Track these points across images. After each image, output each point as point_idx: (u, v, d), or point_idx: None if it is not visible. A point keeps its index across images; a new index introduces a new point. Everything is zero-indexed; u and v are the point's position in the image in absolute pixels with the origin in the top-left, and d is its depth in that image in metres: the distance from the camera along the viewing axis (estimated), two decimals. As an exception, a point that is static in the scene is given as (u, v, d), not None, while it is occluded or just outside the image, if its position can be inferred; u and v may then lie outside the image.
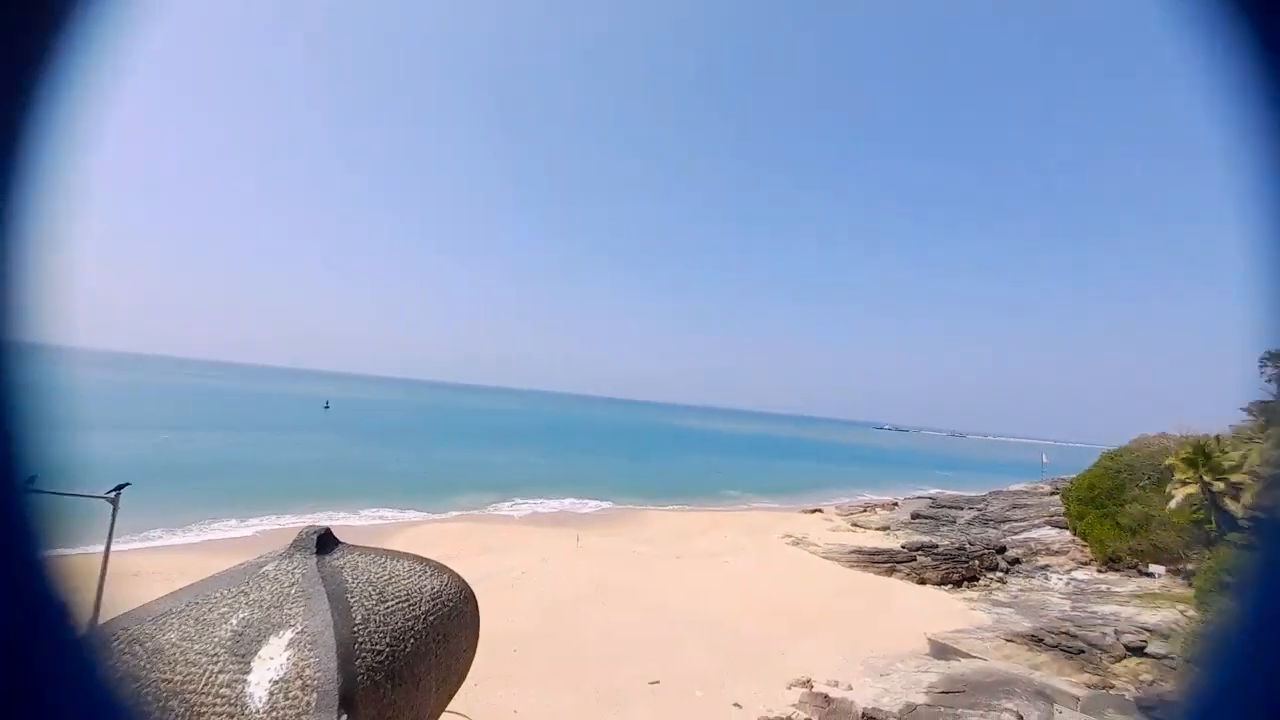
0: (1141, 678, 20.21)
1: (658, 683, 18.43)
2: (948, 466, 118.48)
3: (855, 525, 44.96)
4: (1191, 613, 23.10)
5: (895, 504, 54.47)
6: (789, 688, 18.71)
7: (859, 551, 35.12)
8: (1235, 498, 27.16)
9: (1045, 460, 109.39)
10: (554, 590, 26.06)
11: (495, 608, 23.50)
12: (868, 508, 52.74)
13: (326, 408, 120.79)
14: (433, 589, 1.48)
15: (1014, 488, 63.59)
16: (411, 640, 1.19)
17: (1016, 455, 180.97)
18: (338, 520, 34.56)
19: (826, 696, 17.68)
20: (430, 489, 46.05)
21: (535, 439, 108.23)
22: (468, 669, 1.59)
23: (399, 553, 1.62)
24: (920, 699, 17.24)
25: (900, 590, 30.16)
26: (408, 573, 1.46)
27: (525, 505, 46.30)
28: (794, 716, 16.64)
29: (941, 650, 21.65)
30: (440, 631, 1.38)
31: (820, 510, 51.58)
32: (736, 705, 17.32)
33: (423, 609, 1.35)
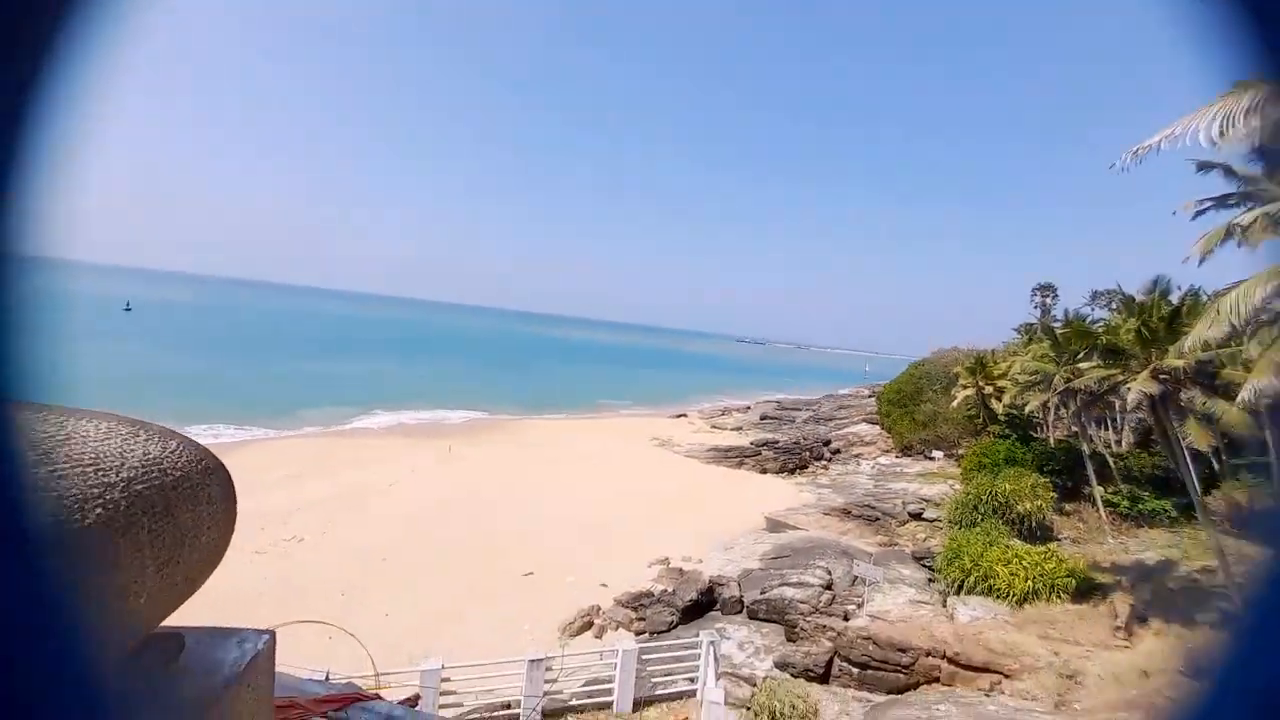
0: (917, 536, 25.92)
1: (531, 574, 19.71)
2: (793, 374, 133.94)
3: (714, 427, 49.83)
4: (956, 485, 29.67)
5: (748, 407, 60.99)
6: (649, 565, 21.14)
7: (715, 449, 39.27)
8: (999, 399, 34.56)
9: (867, 369, 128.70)
10: (425, 498, 25.88)
11: (361, 521, 22.83)
12: (725, 411, 58.45)
13: (128, 309, 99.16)
14: (143, 455, 1.31)
15: (842, 392, 74.21)
16: (98, 509, 1.06)
17: (848, 365, 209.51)
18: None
19: (680, 570, 20.32)
20: (278, 403, 41.50)
21: (399, 349, 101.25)
22: (218, 553, 1.48)
23: (96, 411, 1.39)
24: (755, 565, 20.54)
25: (746, 480, 34.64)
26: (101, 435, 1.27)
27: (390, 418, 44.10)
28: (652, 589, 18.98)
29: (775, 525, 25.67)
30: (153, 504, 1.25)
31: (685, 415, 56.08)
32: (603, 585, 19.25)
33: (122, 476, 1.20)
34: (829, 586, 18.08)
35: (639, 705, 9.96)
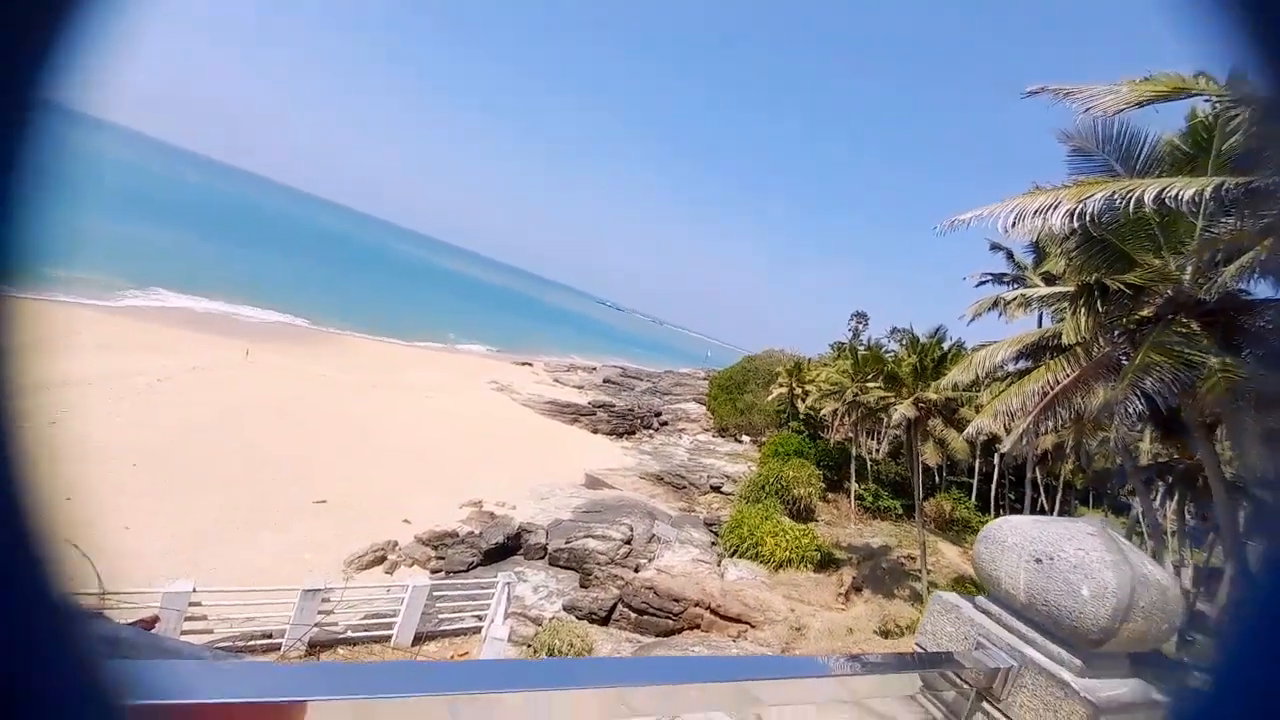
0: (713, 506, 29.14)
1: (324, 502, 18.19)
2: (643, 346, 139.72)
3: (557, 381, 50.08)
4: (754, 467, 33.82)
5: (595, 368, 62.32)
6: (461, 507, 20.85)
7: (553, 403, 39.61)
8: (804, 400, 39.86)
9: (709, 354, 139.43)
10: (207, 403, 22.21)
11: (114, 414, 18.93)
12: (571, 368, 59.03)
13: None
14: None
15: (683, 370, 79.25)
16: None
17: (694, 348, 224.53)
18: None
19: (492, 514, 20.39)
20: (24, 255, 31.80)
21: (221, 226, 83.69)
22: None
23: None
24: (566, 516, 21.43)
25: (576, 437, 35.64)
26: None
27: (176, 300, 36.68)
28: (458, 529, 18.80)
29: (594, 482, 26.93)
30: None
31: (530, 364, 55.47)
32: (406, 521, 18.54)
33: None
34: (629, 541, 19.59)
35: (419, 640, 9.91)
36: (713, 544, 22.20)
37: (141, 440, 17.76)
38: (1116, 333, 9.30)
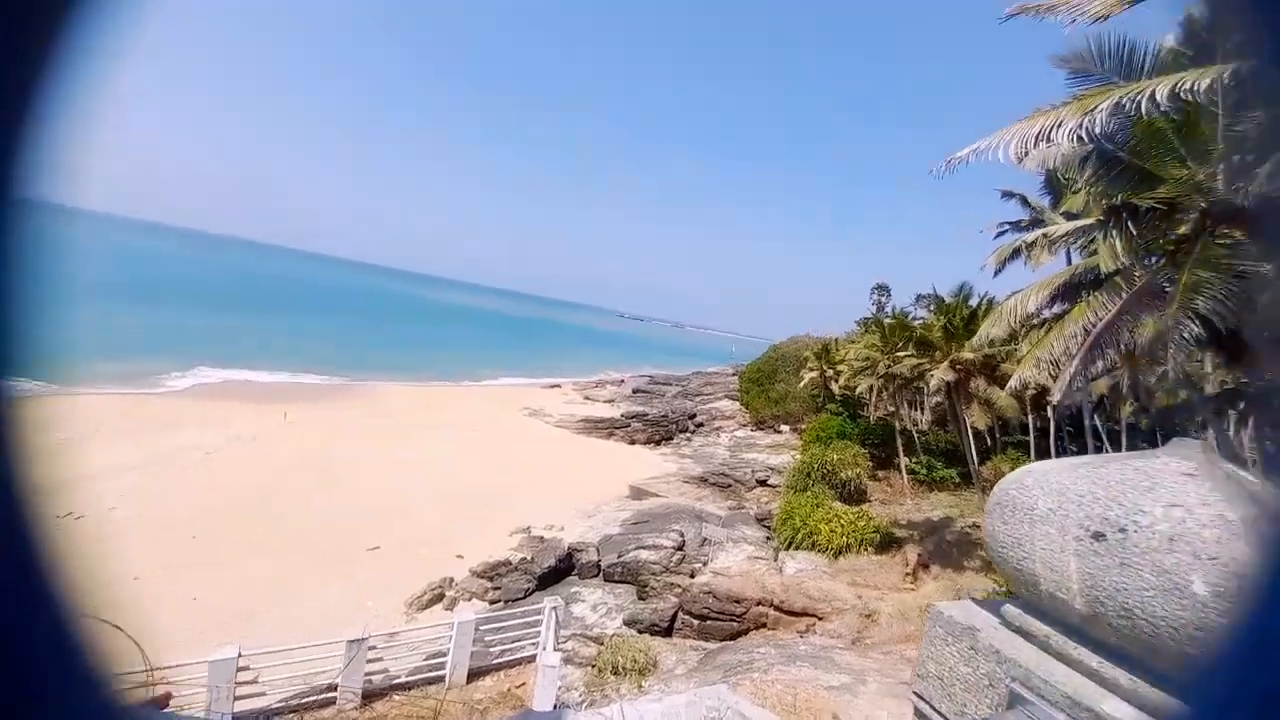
0: (761, 500, 28.64)
1: (377, 548, 18.51)
2: (667, 351, 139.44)
3: (587, 398, 50.28)
4: (798, 455, 33.14)
5: (623, 380, 62.42)
6: (511, 535, 20.96)
7: (587, 420, 39.72)
8: (836, 381, 39.00)
9: (734, 349, 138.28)
10: (253, 470, 22.97)
11: (168, 492, 19.71)
12: (600, 383, 59.26)
13: None
14: None
15: (710, 370, 78.69)
16: None
17: (717, 345, 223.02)
18: None
19: (541, 538, 20.42)
20: (56, 351, 33.77)
21: (247, 300, 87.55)
22: None
23: None
24: (615, 530, 21.31)
25: (615, 450, 35.60)
26: None
27: (216, 375, 38.25)
28: (510, 557, 18.87)
29: (638, 493, 26.79)
30: None
31: (559, 385, 55.89)
32: (459, 556, 18.71)
33: None
34: (680, 548, 19.35)
35: (474, 675, 9.85)
36: (767, 539, 21.74)
37: (198, 512, 18.43)
38: (1155, 257, 8.77)
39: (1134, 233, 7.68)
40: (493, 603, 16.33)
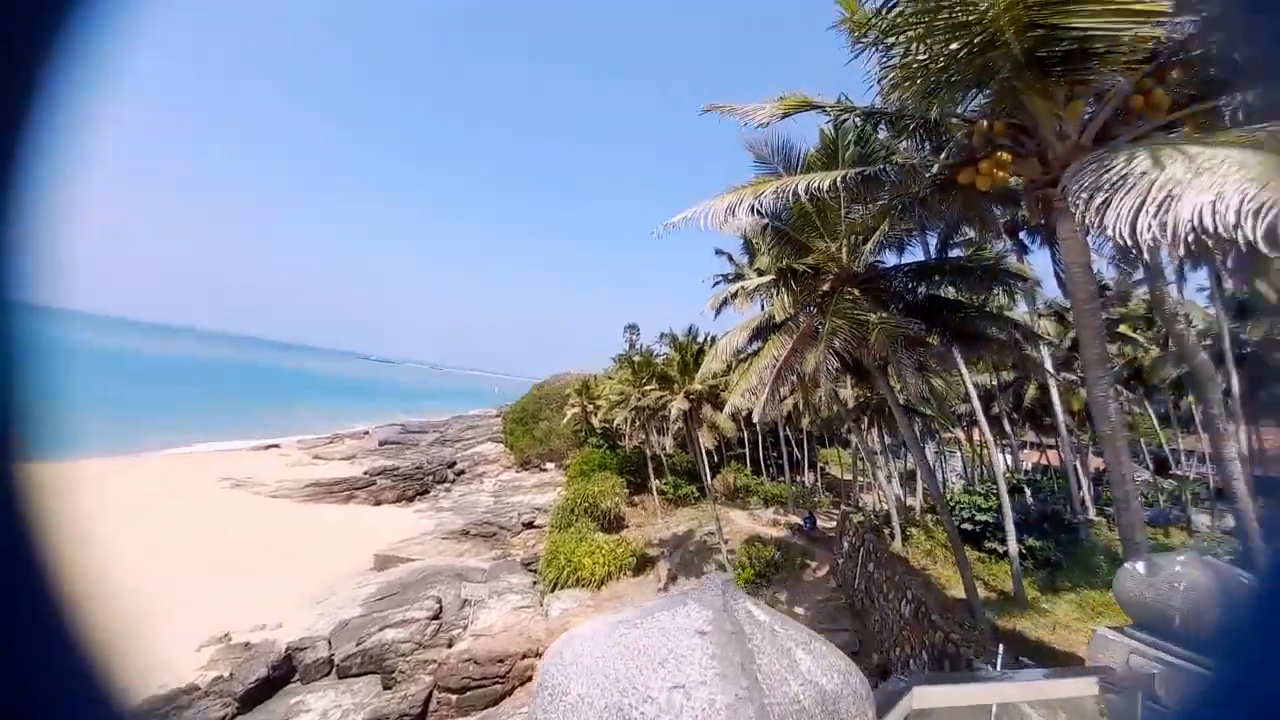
0: (529, 544, 27.88)
1: None
2: (425, 396, 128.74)
3: (318, 458, 42.56)
4: (563, 491, 33.49)
5: (366, 433, 54.84)
6: (199, 650, 15.93)
7: (317, 484, 33.44)
8: (596, 414, 41.08)
9: (497, 389, 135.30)
10: None
11: None
12: (335, 438, 50.88)
13: None
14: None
15: (472, 412, 75.17)
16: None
17: (481, 386, 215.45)
18: None
19: (247, 643, 16.01)
20: None
21: None
22: None
23: None
24: (355, 613, 18.03)
25: (355, 515, 30.65)
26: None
27: None
28: (198, 680, 14.26)
29: (385, 562, 23.35)
30: None
31: (278, 445, 46.05)
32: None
33: None
34: (437, 616, 17.34)
35: None
36: (534, 584, 21.12)
37: None
38: (812, 308, 11.47)
39: (795, 289, 9.88)
40: (164, 754, 11.97)
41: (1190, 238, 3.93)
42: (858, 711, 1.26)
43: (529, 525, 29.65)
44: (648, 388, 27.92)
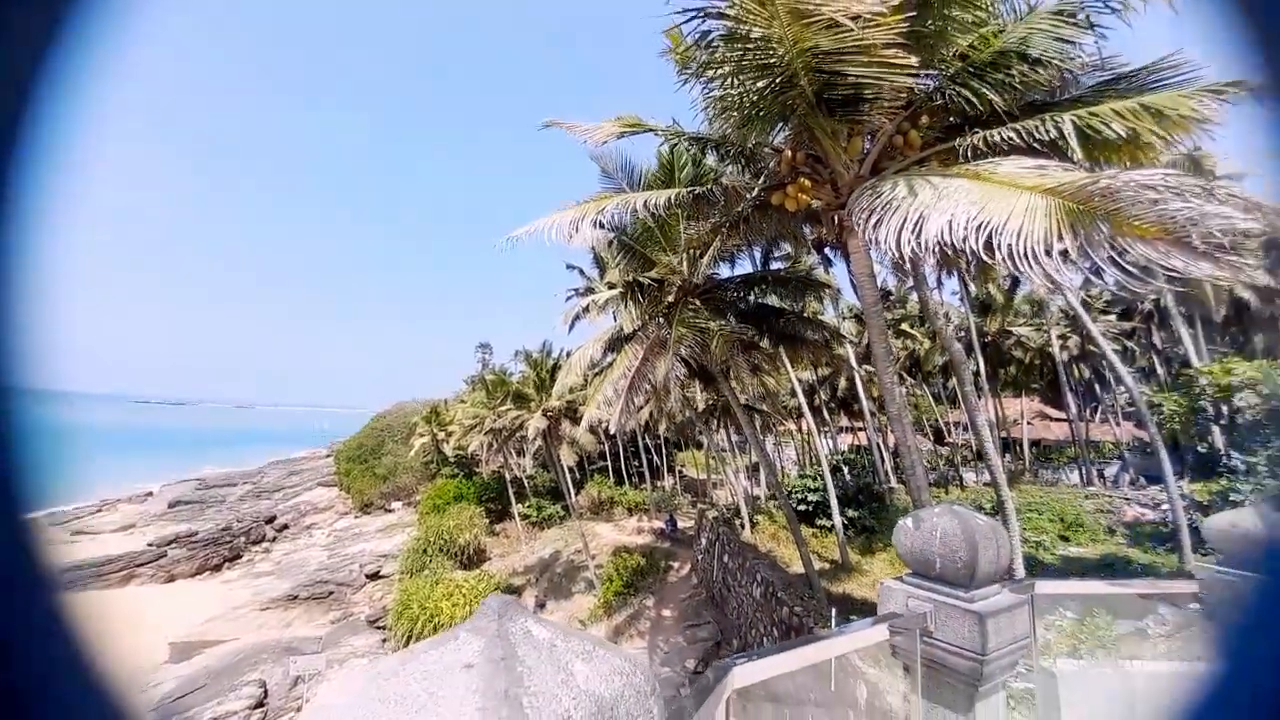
0: (374, 597, 24.90)
1: None
2: (231, 441, 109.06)
3: (79, 534, 33.57)
4: (414, 531, 30.61)
5: (149, 494, 44.69)
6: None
7: (77, 568, 26.28)
8: (449, 441, 38.36)
9: (326, 426, 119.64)
10: None
11: None
12: (103, 507, 40.61)
13: None
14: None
15: (295, 455, 65.57)
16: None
17: (304, 424, 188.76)
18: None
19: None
20: None
21: None
22: None
23: None
24: (142, 723, 14.42)
25: (140, 599, 24.72)
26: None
27: None
28: None
29: (184, 650, 19.10)
30: None
31: (14, 525, 35.28)
32: None
33: None
34: (261, 704, 14.63)
35: None
36: (384, 642, 18.89)
37: None
38: (660, 318, 12.05)
39: (642, 302, 10.30)
40: None
41: (937, 250, 4.94)
42: (640, 710, 1.28)
43: (374, 576, 26.53)
44: (504, 408, 26.91)
